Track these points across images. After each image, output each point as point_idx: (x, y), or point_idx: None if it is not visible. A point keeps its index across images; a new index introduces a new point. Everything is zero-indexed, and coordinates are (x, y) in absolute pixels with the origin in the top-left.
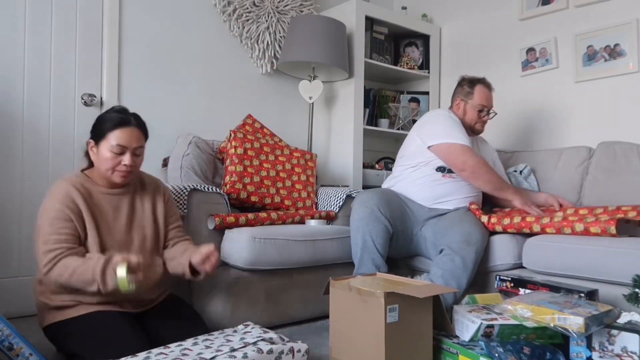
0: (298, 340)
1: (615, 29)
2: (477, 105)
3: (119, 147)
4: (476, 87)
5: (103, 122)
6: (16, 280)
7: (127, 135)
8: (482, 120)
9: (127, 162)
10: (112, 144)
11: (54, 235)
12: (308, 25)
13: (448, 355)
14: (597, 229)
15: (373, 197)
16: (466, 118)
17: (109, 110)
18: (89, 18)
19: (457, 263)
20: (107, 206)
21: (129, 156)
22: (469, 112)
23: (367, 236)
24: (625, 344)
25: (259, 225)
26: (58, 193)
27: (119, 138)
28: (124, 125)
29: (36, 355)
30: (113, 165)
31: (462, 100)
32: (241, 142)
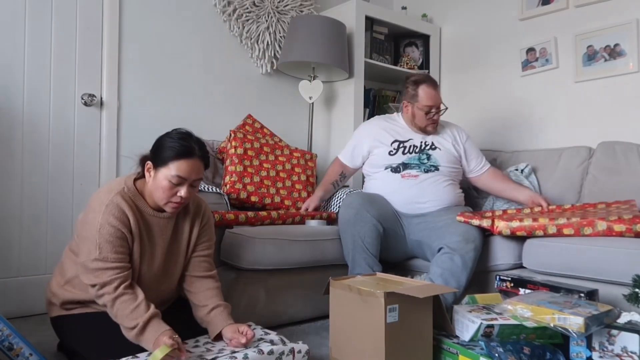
0: (299, 341)
1: (615, 29)
2: (423, 107)
3: (178, 179)
4: (420, 88)
5: (166, 149)
6: (16, 280)
7: (189, 168)
8: (432, 120)
9: (183, 195)
10: (172, 174)
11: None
12: (308, 25)
13: (448, 355)
14: (622, 226)
15: (357, 199)
16: (416, 121)
17: (172, 134)
18: (89, 18)
19: (456, 262)
20: (156, 228)
21: (186, 188)
22: (417, 115)
23: (355, 237)
24: (625, 344)
25: (258, 223)
26: (112, 208)
27: (180, 170)
28: (188, 156)
29: (36, 355)
30: (169, 195)
31: (409, 102)
32: (241, 142)
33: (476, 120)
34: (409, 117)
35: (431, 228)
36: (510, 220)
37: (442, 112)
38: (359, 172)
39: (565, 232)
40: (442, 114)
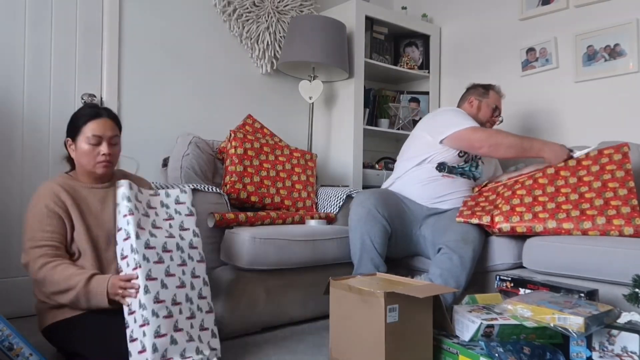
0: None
1: (615, 29)
2: (492, 104)
3: (95, 138)
4: (491, 90)
5: (77, 119)
6: (16, 280)
7: (101, 126)
8: (493, 120)
9: (105, 151)
10: (88, 135)
11: (40, 232)
12: (308, 25)
13: (448, 355)
14: (621, 221)
15: (370, 197)
16: (480, 115)
17: (80, 108)
18: (89, 18)
19: (455, 262)
20: (93, 199)
21: (105, 145)
22: (483, 109)
23: (365, 236)
24: (625, 344)
25: (258, 223)
26: (43, 192)
27: (93, 129)
28: (97, 117)
29: (36, 355)
30: (93, 156)
31: (477, 99)
32: (241, 142)
33: None
34: (473, 111)
35: (437, 225)
36: (510, 215)
37: (499, 121)
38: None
39: (565, 227)
40: (499, 122)
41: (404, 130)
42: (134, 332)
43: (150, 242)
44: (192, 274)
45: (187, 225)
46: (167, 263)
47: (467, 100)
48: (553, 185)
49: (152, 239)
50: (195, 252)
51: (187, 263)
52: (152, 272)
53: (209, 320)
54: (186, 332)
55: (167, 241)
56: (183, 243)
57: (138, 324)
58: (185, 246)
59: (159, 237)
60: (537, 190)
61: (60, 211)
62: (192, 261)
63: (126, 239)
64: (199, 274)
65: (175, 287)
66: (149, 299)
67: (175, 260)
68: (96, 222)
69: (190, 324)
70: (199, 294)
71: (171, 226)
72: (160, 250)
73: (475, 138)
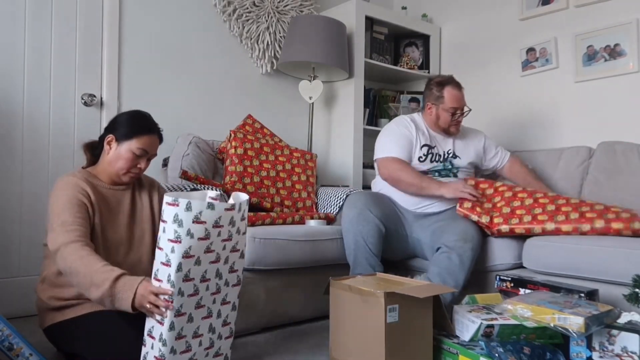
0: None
1: (615, 29)
2: (449, 108)
3: (141, 151)
4: (445, 90)
5: (130, 124)
6: (16, 280)
7: (151, 142)
8: (457, 121)
9: (142, 166)
10: (137, 146)
11: (71, 217)
12: (308, 25)
13: (448, 355)
14: (620, 224)
15: (361, 198)
16: (440, 122)
17: (133, 113)
18: (89, 18)
19: (454, 261)
20: (113, 200)
21: (145, 161)
22: (442, 116)
23: (358, 237)
24: (625, 344)
25: (259, 223)
26: (68, 184)
27: (144, 143)
28: (151, 132)
29: (36, 355)
30: (130, 166)
31: (434, 104)
32: (241, 142)
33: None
34: (433, 119)
35: (433, 227)
36: (510, 217)
37: (466, 114)
38: (359, 171)
39: (563, 229)
40: (466, 115)
41: None
42: (148, 355)
43: (191, 273)
44: (223, 301)
45: (240, 246)
46: (201, 294)
47: (427, 105)
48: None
49: (194, 268)
50: (233, 276)
51: (221, 290)
52: (182, 307)
53: (226, 346)
54: None
55: (208, 268)
56: (224, 268)
57: (154, 353)
58: (225, 271)
59: (203, 264)
60: (539, 192)
61: (88, 204)
62: (227, 287)
63: (165, 264)
64: (230, 300)
65: (201, 319)
66: (171, 336)
67: (210, 289)
68: (111, 225)
69: (206, 353)
70: (224, 321)
71: (224, 248)
72: (198, 281)
73: (383, 168)
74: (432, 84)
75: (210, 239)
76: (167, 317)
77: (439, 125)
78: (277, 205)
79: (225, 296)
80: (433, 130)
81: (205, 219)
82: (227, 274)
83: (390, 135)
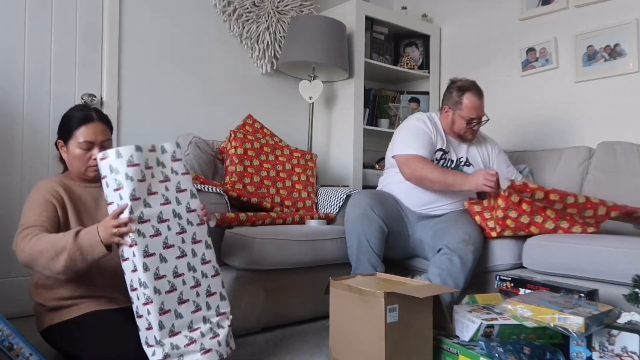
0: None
1: (615, 29)
2: (466, 117)
3: (86, 144)
4: (465, 96)
5: (68, 121)
6: (16, 280)
7: (92, 131)
8: (472, 129)
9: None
10: (79, 141)
11: (34, 216)
12: (308, 25)
13: (448, 355)
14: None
15: (365, 198)
16: (454, 128)
17: (71, 109)
18: (89, 18)
19: (455, 263)
20: (88, 197)
21: (97, 150)
22: (457, 122)
23: (361, 237)
24: (625, 344)
25: (259, 222)
26: (40, 186)
27: (85, 135)
28: (88, 121)
29: (36, 355)
30: (84, 161)
31: (451, 109)
32: (241, 142)
33: None
34: (448, 123)
35: (435, 228)
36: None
37: (483, 123)
38: (359, 171)
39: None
40: (483, 124)
41: None
42: (139, 309)
43: (145, 214)
44: (193, 240)
45: (184, 185)
46: (165, 234)
47: (444, 108)
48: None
49: (146, 210)
50: (193, 215)
51: (186, 229)
52: (149, 247)
53: (216, 283)
54: (192, 302)
55: (162, 210)
56: (180, 208)
57: (141, 301)
58: (182, 211)
59: (154, 206)
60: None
61: (57, 204)
62: (191, 226)
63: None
64: (200, 238)
65: (176, 259)
66: (149, 276)
67: (173, 229)
68: (90, 220)
69: (195, 292)
70: (202, 259)
71: (167, 189)
72: (156, 221)
73: (406, 167)
74: (453, 88)
75: (146, 180)
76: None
77: (454, 130)
78: (277, 205)
79: (193, 235)
80: (448, 134)
81: (138, 161)
82: (186, 213)
83: (411, 131)
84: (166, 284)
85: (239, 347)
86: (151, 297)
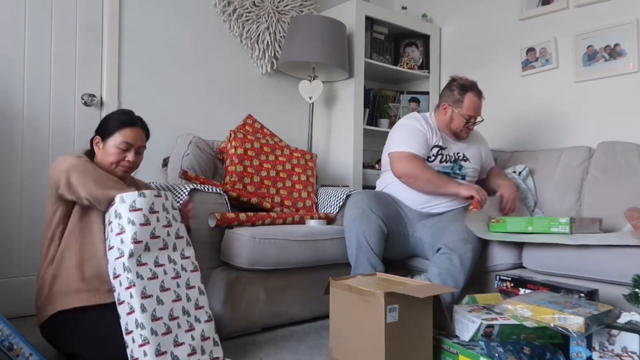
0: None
1: (615, 29)
2: (465, 115)
3: (125, 144)
4: (467, 95)
5: (111, 121)
6: (16, 280)
7: (133, 135)
8: (468, 128)
9: (130, 159)
10: (119, 140)
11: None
12: (308, 25)
13: (448, 355)
14: None
15: (364, 198)
16: (452, 125)
17: (116, 111)
18: (89, 18)
19: (454, 262)
20: None
21: (132, 153)
22: (455, 120)
23: (360, 236)
24: (625, 344)
25: (259, 222)
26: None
27: (126, 136)
28: (131, 125)
29: (36, 355)
30: (118, 159)
31: (450, 106)
32: (241, 142)
33: None
34: (446, 120)
35: (434, 227)
36: None
37: (478, 123)
38: (359, 171)
39: None
40: (478, 124)
41: None
42: (134, 352)
43: (142, 258)
44: (187, 285)
45: (182, 233)
46: (161, 278)
47: (442, 104)
48: None
49: (144, 254)
50: (188, 262)
51: (180, 275)
52: (147, 289)
53: (209, 329)
54: (188, 345)
55: (159, 255)
56: (175, 255)
57: (137, 343)
58: (177, 258)
59: (153, 250)
60: None
61: None
62: (185, 272)
63: (119, 257)
64: (194, 284)
65: (172, 302)
66: (146, 317)
67: (169, 273)
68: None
69: (190, 336)
70: (196, 304)
71: (169, 234)
72: (153, 265)
73: (399, 165)
74: (455, 86)
75: (151, 224)
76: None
77: (451, 127)
78: (277, 205)
79: (187, 281)
80: (443, 131)
81: (140, 206)
82: (180, 259)
83: (406, 130)
84: (162, 325)
85: (239, 347)
86: (148, 338)
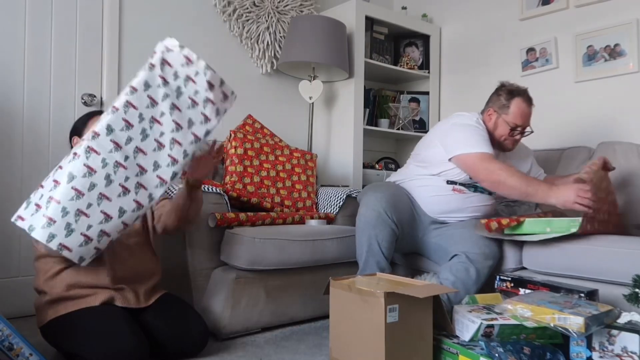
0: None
1: (615, 29)
2: (511, 123)
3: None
4: (513, 101)
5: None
6: (16, 280)
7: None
8: (514, 138)
9: None
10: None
11: None
12: (308, 25)
13: (448, 355)
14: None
15: (381, 200)
16: (496, 132)
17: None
18: (89, 18)
19: (471, 274)
20: None
21: None
22: (500, 127)
23: (372, 239)
24: (625, 344)
25: (259, 222)
26: None
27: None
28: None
29: (36, 355)
30: None
31: (496, 112)
32: (241, 142)
33: None
34: (490, 127)
35: (450, 233)
36: None
37: (526, 134)
38: (359, 171)
39: None
40: (526, 135)
41: (404, 130)
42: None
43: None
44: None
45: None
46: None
47: (488, 110)
48: None
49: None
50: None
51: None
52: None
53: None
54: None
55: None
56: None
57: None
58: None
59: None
60: None
61: None
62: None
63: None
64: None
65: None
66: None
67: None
68: None
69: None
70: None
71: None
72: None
73: (479, 168)
74: (502, 91)
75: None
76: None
77: (494, 135)
78: (277, 205)
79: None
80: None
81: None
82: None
83: (470, 129)
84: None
85: (239, 347)
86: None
